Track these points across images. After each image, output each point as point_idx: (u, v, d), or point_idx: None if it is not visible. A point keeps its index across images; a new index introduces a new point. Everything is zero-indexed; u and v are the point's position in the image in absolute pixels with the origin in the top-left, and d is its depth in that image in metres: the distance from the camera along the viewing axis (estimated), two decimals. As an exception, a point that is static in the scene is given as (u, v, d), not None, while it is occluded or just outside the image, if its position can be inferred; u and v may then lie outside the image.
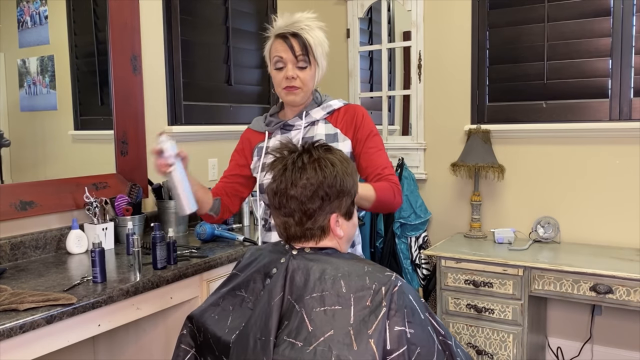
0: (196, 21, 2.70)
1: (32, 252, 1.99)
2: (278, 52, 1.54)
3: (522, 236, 2.83)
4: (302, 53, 1.53)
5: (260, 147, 1.67)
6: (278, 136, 1.64)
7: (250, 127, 1.74)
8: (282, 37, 1.54)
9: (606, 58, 2.64)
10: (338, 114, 1.63)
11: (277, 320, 1.08)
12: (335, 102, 1.65)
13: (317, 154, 1.18)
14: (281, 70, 1.55)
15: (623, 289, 2.24)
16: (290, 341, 1.04)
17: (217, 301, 1.24)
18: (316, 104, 1.63)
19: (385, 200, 1.53)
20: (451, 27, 3.01)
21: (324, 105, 1.64)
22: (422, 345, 1.06)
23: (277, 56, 1.55)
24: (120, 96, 2.32)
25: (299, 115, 1.62)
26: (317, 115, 1.62)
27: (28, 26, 2.13)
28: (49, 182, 2.07)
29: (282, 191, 1.16)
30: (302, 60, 1.53)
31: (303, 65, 1.54)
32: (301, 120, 1.61)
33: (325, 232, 1.19)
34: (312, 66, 1.55)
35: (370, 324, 1.03)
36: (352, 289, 1.08)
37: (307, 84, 1.56)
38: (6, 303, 1.43)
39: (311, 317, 1.06)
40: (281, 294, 1.10)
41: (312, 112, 1.62)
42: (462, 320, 2.57)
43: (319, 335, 1.03)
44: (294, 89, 1.55)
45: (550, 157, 2.81)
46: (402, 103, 3.48)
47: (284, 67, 1.54)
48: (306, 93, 1.59)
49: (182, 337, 1.28)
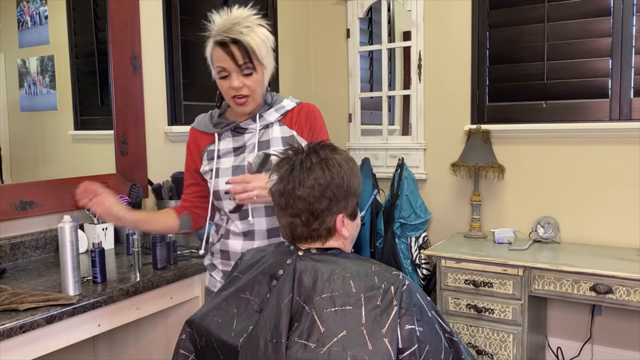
0: (196, 21, 2.69)
1: (32, 252, 1.99)
2: (219, 62, 1.45)
3: (522, 236, 2.83)
4: (245, 61, 1.43)
5: (210, 150, 1.58)
6: (229, 139, 1.56)
7: (195, 127, 1.62)
8: (222, 45, 1.43)
9: (606, 58, 2.64)
10: (292, 114, 1.56)
11: (288, 322, 1.07)
12: (287, 102, 1.57)
13: (324, 154, 1.18)
14: (226, 79, 1.46)
15: (623, 289, 2.24)
16: (302, 343, 1.04)
17: (219, 304, 1.22)
18: (268, 106, 1.56)
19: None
20: (451, 27, 3.01)
21: (277, 107, 1.56)
22: (431, 343, 1.07)
23: (219, 66, 1.45)
24: (120, 96, 2.32)
25: (252, 118, 1.54)
26: (271, 117, 1.54)
27: (28, 26, 2.13)
28: (49, 182, 2.07)
29: (290, 191, 1.15)
30: (246, 68, 1.44)
31: (248, 72, 1.45)
32: (255, 124, 1.54)
33: (332, 232, 1.19)
34: (259, 70, 1.46)
35: (382, 323, 1.04)
36: (361, 289, 1.08)
37: (255, 90, 1.47)
38: (6, 303, 1.43)
39: (322, 318, 1.05)
40: (290, 295, 1.10)
41: (265, 114, 1.54)
42: (462, 320, 2.57)
43: (332, 336, 1.03)
44: (242, 98, 1.47)
45: (550, 157, 2.81)
46: (402, 103, 3.48)
47: (228, 76, 1.45)
48: (256, 99, 1.51)
49: (180, 342, 1.26)
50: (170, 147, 2.58)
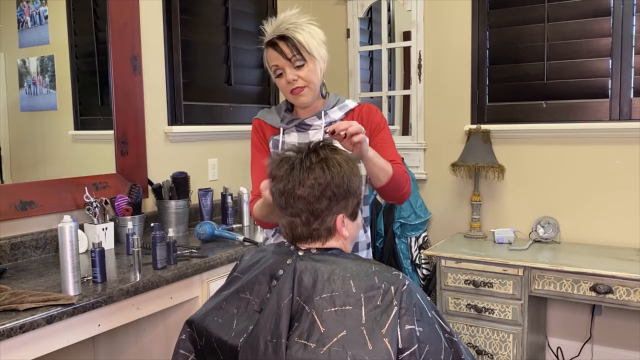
0: (196, 21, 2.70)
1: (32, 252, 1.99)
2: (272, 61, 1.53)
3: (522, 236, 2.83)
4: (294, 53, 1.50)
5: (275, 140, 1.63)
6: (294, 134, 1.62)
7: (261, 119, 1.68)
8: (272, 45, 1.52)
9: (606, 58, 2.64)
10: (353, 113, 1.63)
11: (288, 322, 1.07)
12: (350, 102, 1.65)
13: (324, 153, 1.18)
14: (282, 77, 1.54)
15: (623, 289, 2.24)
16: (302, 343, 1.04)
17: (219, 304, 1.22)
18: (332, 104, 1.62)
19: (399, 181, 1.52)
20: (451, 27, 3.01)
21: (340, 105, 1.63)
22: (431, 343, 1.07)
23: (273, 65, 1.54)
24: (120, 96, 2.32)
25: (317, 115, 1.60)
26: (335, 115, 1.61)
27: (28, 26, 2.13)
28: (49, 182, 2.07)
29: (290, 191, 1.15)
30: (296, 60, 1.51)
31: (300, 64, 1.51)
32: (319, 120, 1.60)
33: (332, 232, 1.19)
34: (310, 61, 1.52)
35: (382, 323, 1.04)
36: (361, 289, 1.08)
37: (310, 80, 1.53)
38: (6, 303, 1.43)
39: (322, 318, 1.05)
40: (290, 295, 1.10)
41: (330, 112, 1.61)
42: (462, 320, 2.57)
43: (332, 336, 1.03)
44: (299, 89, 1.53)
45: (550, 157, 2.81)
46: (402, 103, 3.48)
47: (283, 73, 1.53)
48: (313, 90, 1.56)
49: (180, 343, 1.26)
50: (170, 147, 2.58)
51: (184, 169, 2.50)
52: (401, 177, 1.54)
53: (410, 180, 1.60)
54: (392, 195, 1.57)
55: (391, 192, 1.56)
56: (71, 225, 1.53)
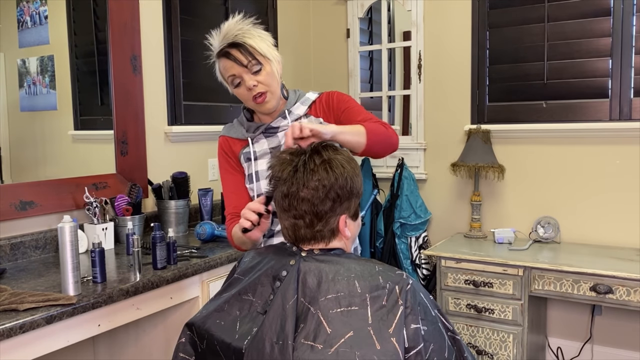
0: (196, 21, 2.70)
1: (32, 252, 1.98)
2: (228, 71, 1.49)
3: (522, 236, 2.83)
4: (249, 59, 1.47)
5: (245, 152, 1.59)
6: (263, 141, 1.57)
7: (226, 136, 1.64)
8: (225, 55, 1.48)
9: (606, 58, 2.64)
10: (315, 105, 1.60)
11: (294, 323, 1.06)
12: (311, 94, 1.61)
13: (327, 154, 1.18)
14: (241, 86, 1.50)
15: (623, 289, 2.24)
16: (309, 344, 1.03)
17: (221, 306, 1.20)
18: (293, 101, 1.59)
19: (377, 132, 1.46)
20: (451, 27, 3.01)
21: (302, 100, 1.59)
22: (435, 341, 1.07)
23: (230, 76, 1.50)
24: (120, 96, 2.32)
25: (281, 115, 1.56)
26: (299, 111, 1.57)
27: (28, 26, 2.13)
28: (49, 182, 2.07)
29: (293, 193, 1.15)
30: (253, 66, 1.47)
31: (257, 69, 1.48)
32: (286, 120, 1.56)
33: (335, 233, 1.18)
34: (266, 65, 1.49)
35: (389, 323, 1.04)
36: (366, 289, 1.08)
37: (269, 83, 1.50)
38: (6, 303, 1.43)
39: (328, 318, 1.05)
40: (295, 296, 1.09)
41: (293, 109, 1.58)
42: (462, 320, 2.57)
43: (339, 336, 1.03)
44: (261, 96, 1.50)
45: (550, 157, 2.81)
46: (402, 103, 3.48)
47: (241, 81, 1.49)
48: (275, 92, 1.52)
49: (180, 346, 1.24)
50: (170, 147, 2.58)
51: (184, 169, 2.50)
52: (378, 128, 1.47)
53: (389, 125, 1.52)
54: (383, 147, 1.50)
55: (380, 146, 1.49)
56: (71, 225, 1.53)
